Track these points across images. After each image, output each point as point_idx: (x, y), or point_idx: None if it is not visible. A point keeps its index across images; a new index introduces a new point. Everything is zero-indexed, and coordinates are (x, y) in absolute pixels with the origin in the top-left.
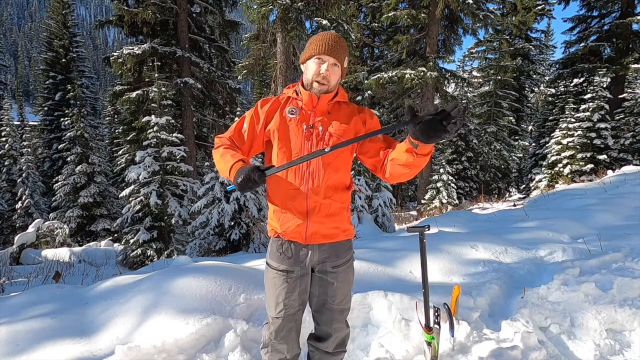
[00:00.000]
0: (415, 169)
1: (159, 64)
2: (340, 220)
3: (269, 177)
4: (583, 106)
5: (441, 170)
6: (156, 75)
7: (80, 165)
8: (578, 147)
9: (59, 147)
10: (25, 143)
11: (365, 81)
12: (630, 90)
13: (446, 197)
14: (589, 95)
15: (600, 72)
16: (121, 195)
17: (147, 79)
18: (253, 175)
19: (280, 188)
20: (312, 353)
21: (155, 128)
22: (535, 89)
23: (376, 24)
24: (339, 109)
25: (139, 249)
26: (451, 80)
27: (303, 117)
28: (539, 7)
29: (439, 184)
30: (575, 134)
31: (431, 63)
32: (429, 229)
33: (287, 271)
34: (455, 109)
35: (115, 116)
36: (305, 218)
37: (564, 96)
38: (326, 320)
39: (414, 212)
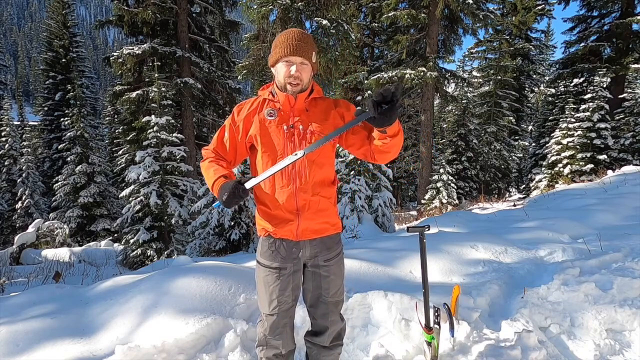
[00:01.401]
0: (394, 148)
1: (159, 64)
2: (329, 215)
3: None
4: (583, 106)
5: (441, 170)
6: (156, 75)
7: (80, 165)
8: (578, 147)
9: (59, 147)
10: (25, 143)
11: (365, 81)
12: (630, 90)
13: (446, 197)
14: (589, 95)
15: (600, 72)
16: (121, 195)
17: (147, 79)
18: (237, 191)
19: (268, 189)
20: (309, 350)
21: (155, 128)
22: (535, 89)
23: (376, 24)
24: (316, 105)
25: (139, 249)
26: (451, 80)
27: (282, 118)
28: (539, 7)
29: (439, 184)
30: (575, 134)
31: (431, 63)
32: (429, 229)
33: (280, 268)
34: (394, 91)
35: (115, 116)
36: (296, 216)
37: (564, 96)
38: (322, 314)
39: (414, 212)
